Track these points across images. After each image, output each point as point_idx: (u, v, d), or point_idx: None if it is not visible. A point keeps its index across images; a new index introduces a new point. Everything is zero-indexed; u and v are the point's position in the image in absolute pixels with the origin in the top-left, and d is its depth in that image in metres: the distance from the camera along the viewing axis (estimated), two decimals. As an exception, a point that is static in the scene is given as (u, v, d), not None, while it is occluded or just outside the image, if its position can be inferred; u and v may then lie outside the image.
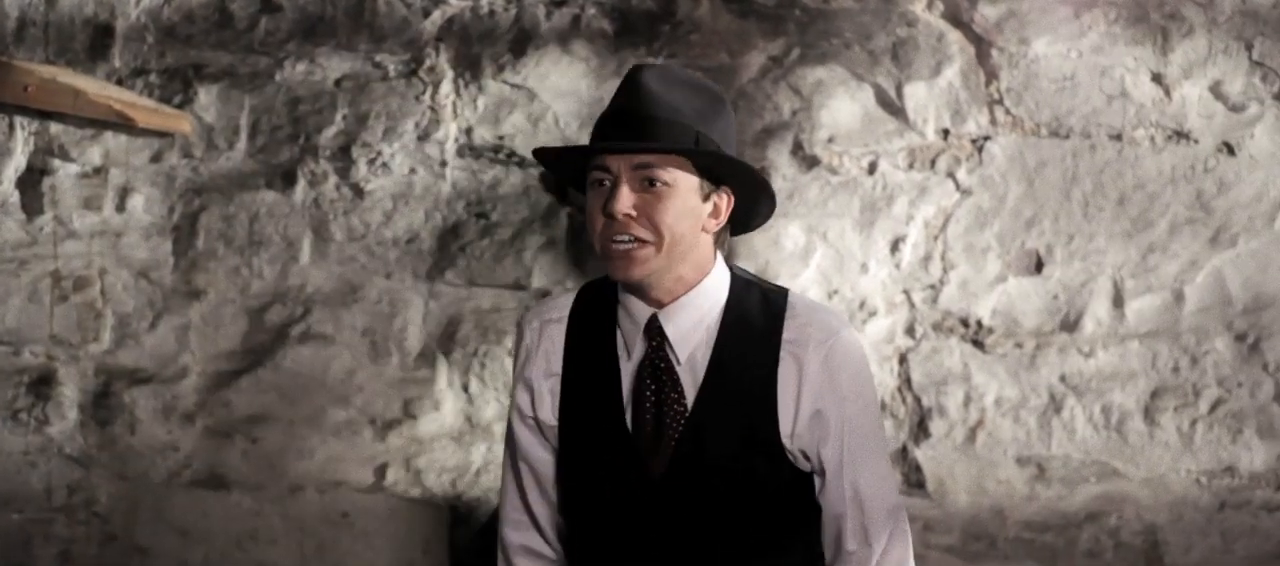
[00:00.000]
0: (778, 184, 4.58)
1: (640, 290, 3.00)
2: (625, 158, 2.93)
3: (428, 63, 4.52)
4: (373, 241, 4.53)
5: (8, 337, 4.48)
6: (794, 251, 4.59)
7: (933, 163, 4.59)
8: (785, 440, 3.02)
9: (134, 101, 4.46)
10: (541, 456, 3.10)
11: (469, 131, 4.53)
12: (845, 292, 4.60)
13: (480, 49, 4.52)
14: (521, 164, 4.55)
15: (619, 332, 3.03)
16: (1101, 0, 4.56)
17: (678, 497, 3.00)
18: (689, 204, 2.98)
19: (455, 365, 4.56)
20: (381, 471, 4.56)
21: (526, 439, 3.10)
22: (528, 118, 4.54)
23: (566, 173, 3.09)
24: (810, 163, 4.58)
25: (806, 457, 3.04)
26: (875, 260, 4.59)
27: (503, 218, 4.56)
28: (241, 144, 4.50)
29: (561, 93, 4.54)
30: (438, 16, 4.51)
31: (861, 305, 4.60)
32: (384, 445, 4.56)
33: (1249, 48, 4.55)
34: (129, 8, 4.48)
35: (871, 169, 4.59)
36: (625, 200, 2.92)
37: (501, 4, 4.53)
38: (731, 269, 3.08)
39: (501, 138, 4.54)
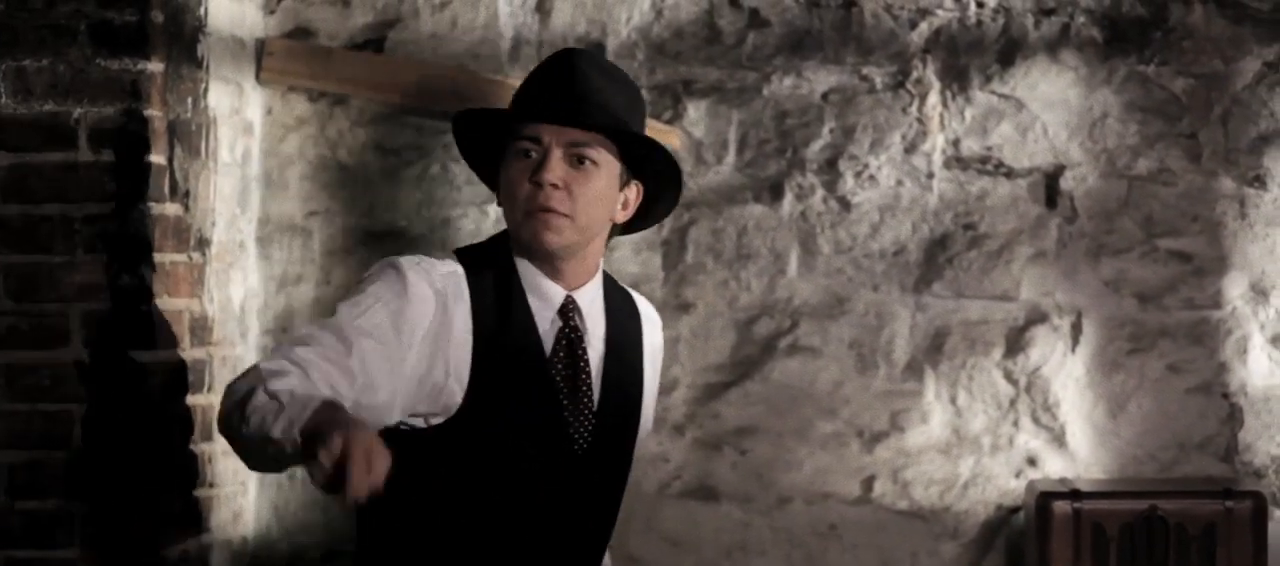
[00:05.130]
0: (1274, 192, 4.49)
1: (551, 269, 3.03)
2: (559, 132, 2.97)
3: (914, 75, 4.51)
4: (860, 254, 4.53)
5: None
6: (1294, 262, 4.49)
7: None
8: (645, 418, 3.22)
9: (624, 118, 4.54)
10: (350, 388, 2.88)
11: (956, 143, 4.52)
12: (1345, 304, 4.49)
13: (967, 60, 4.51)
14: (1010, 175, 4.51)
15: (530, 308, 3.04)
16: None
17: (591, 472, 3.09)
18: (609, 188, 3.03)
19: (943, 377, 4.53)
20: (869, 483, 4.55)
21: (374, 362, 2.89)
22: (1016, 128, 4.51)
23: (477, 143, 3.11)
24: (1309, 171, 4.49)
25: None
26: (1379, 270, 4.47)
27: (991, 229, 4.53)
28: (730, 158, 4.55)
29: (1050, 103, 4.50)
30: (924, 28, 4.51)
31: (1362, 317, 4.48)
32: (871, 457, 4.55)
33: None
34: (620, 25, 4.56)
35: (1374, 176, 4.48)
36: (556, 170, 2.95)
37: (989, 15, 4.51)
38: None
39: (989, 149, 4.52)
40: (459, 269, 3.03)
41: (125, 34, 4.06)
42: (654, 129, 4.52)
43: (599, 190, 3.00)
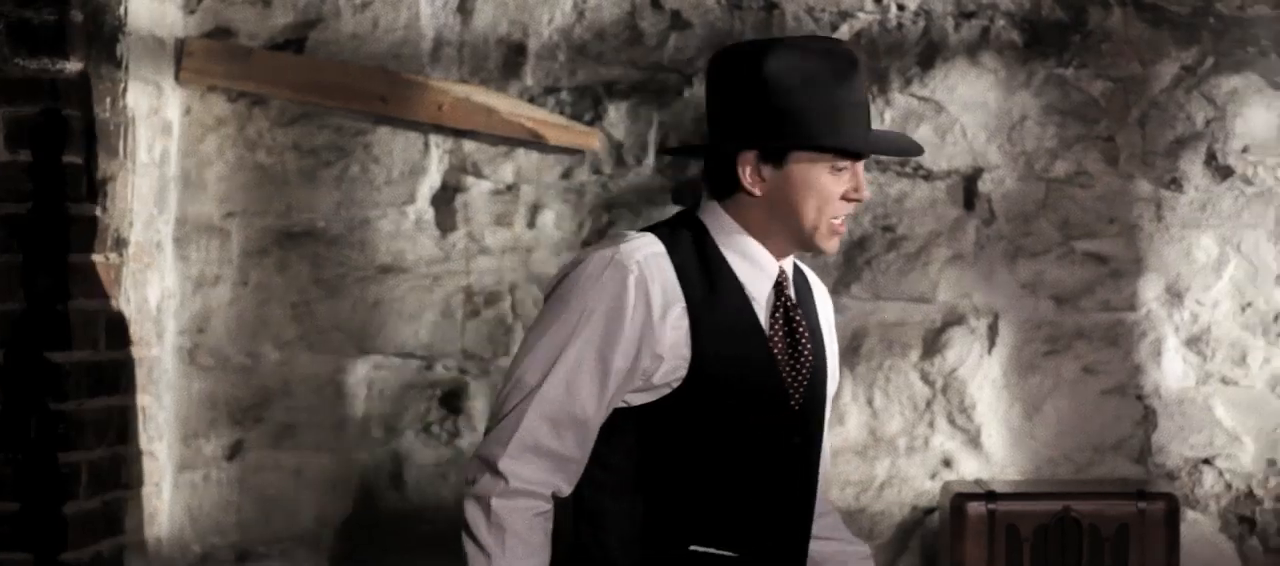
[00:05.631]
0: (1190, 194, 4.51)
1: (774, 245, 3.09)
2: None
3: (834, 77, 4.53)
4: (779, 255, 4.55)
5: (421, 352, 4.59)
6: (1207, 263, 4.51)
7: (1353, 172, 4.50)
8: (833, 373, 3.24)
9: (545, 119, 4.54)
10: (592, 415, 3.01)
11: (875, 145, 4.53)
12: (1259, 305, 4.51)
13: (888, 62, 4.53)
14: (928, 177, 4.54)
15: (738, 277, 3.09)
16: None
17: (805, 427, 3.13)
18: None
19: (860, 379, 4.55)
20: (788, 484, 4.57)
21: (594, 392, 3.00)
22: (935, 130, 4.53)
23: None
24: (1224, 173, 4.50)
25: None
26: (1292, 273, 4.50)
27: (909, 231, 4.55)
28: (650, 160, 4.56)
29: (970, 105, 4.53)
30: (845, 31, 4.53)
31: (1276, 318, 4.51)
32: (790, 458, 4.56)
33: None
34: (542, 26, 4.57)
35: (1288, 179, 4.51)
36: (865, 186, 3.13)
37: (909, 17, 4.53)
38: None
39: (908, 151, 4.53)
40: (660, 246, 3.06)
41: (44, 33, 4.06)
42: (574, 131, 4.54)
43: None
